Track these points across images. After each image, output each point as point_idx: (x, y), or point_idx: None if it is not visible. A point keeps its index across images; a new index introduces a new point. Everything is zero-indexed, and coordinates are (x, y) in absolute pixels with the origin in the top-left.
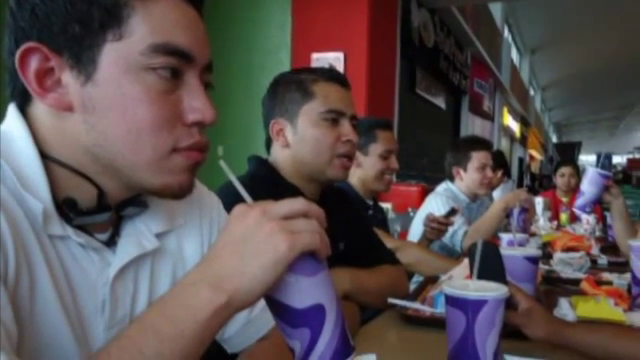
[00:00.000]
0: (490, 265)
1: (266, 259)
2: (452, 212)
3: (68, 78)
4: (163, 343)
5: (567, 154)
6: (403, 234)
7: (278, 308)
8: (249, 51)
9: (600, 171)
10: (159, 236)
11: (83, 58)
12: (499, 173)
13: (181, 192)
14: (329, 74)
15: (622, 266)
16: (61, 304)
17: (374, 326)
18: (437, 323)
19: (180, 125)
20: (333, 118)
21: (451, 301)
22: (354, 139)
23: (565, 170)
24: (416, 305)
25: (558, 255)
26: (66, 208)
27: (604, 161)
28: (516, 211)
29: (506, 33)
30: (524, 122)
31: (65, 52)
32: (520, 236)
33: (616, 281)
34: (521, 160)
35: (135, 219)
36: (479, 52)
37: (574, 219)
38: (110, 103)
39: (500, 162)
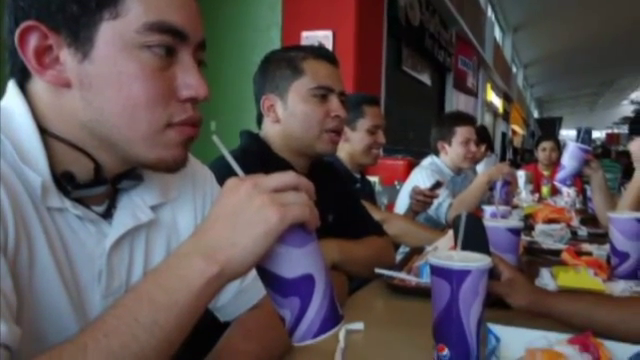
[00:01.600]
0: (474, 236)
1: (257, 230)
2: (437, 185)
3: (66, 56)
4: (158, 312)
5: (548, 129)
6: (390, 206)
7: (269, 278)
8: (241, 30)
9: (580, 145)
10: (154, 208)
11: (80, 36)
12: (482, 147)
13: (175, 166)
14: (318, 52)
15: (601, 237)
16: (59, 274)
17: (362, 295)
18: (422, 292)
19: (174, 101)
20: (322, 94)
21: (436, 271)
22: (342, 114)
23: (546, 144)
24: (402, 275)
25: (539, 227)
26: (64, 181)
27: (584, 136)
28: (499, 184)
29: (489, 12)
30: (507, 98)
31: (63, 30)
32: (503, 208)
33: (596, 252)
34: (504, 135)
35: (131, 192)
36: (463, 30)
37: (555, 192)
38: (106, 80)
39: (483, 137)
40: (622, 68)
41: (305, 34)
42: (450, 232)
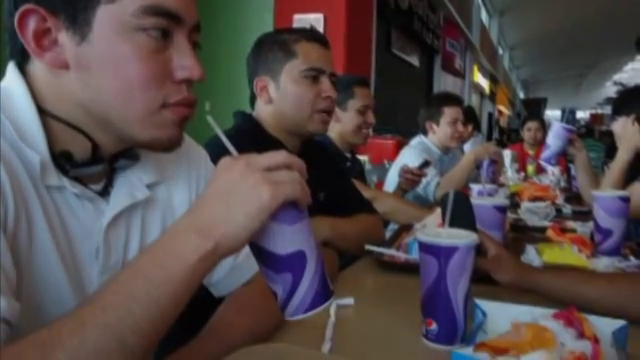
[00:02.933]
0: (461, 214)
1: (251, 208)
2: (425, 164)
3: (64, 38)
4: (153, 287)
5: (534, 109)
6: (379, 185)
7: (262, 254)
8: (234, 12)
9: (565, 125)
10: (150, 187)
11: (78, 19)
12: (470, 127)
13: (170, 145)
14: (310, 34)
15: (585, 215)
16: (57, 250)
17: (352, 271)
18: (411, 268)
19: (169, 82)
20: (313, 76)
21: (424, 248)
22: (333, 95)
23: (532, 124)
24: (392, 251)
25: (525, 204)
26: (62, 160)
27: (568, 116)
28: (486, 163)
29: None
30: (493, 79)
31: (61, 13)
32: (489, 186)
33: (579, 229)
34: (490, 115)
35: (127, 171)
36: (451, 13)
37: (540, 170)
38: (103, 62)
39: (470, 117)
40: (605, 50)
41: (297, 17)
42: (438, 210)
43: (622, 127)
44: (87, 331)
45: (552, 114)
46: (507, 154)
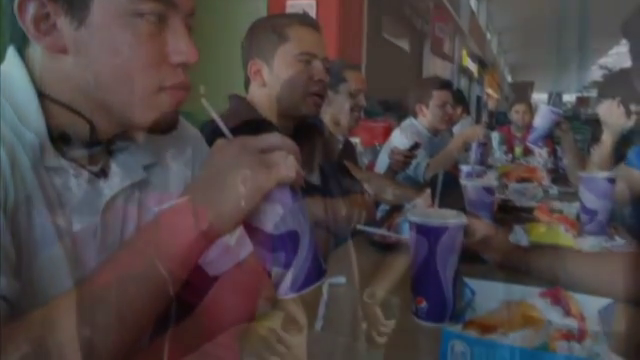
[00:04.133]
0: (451, 195)
1: (245, 189)
2: (415, 146)
3: (62, 23)
4: (150, 266)
5: (521, 93)
6: (370, 166)
7: (256, 234)
8: None
9: (551, 108)
10: (146, 168)
11: (76, 4)
12: (459, 110)
13: (167, 127)
14: (303, 19)
15: (572, 195)
16: (56, 230)
17: (344, 251)
18: (402, 248)
19: (166, 66)
20: (306, 60)
21: (415, 228)
22: (325, 79)
23: (519, 107)
24: (382, 231)
25: (513, 185)
26: (61, 142)
27: (555, 99)
28: (474, 145)
29: None
30: (482, 63)
31: None
32: (478, 168)
33: (566, 209)
34: (479, 98)
35: (124, 153)
36: None
37: (527, 152)
38: (101, 46)
39: (459, 99)
40: (592, 34)
41: (290, 3)
42: (428, 191)
43: (608, 110)
44: (85, 309)
45: (539, 97)
46: (495, 136)
